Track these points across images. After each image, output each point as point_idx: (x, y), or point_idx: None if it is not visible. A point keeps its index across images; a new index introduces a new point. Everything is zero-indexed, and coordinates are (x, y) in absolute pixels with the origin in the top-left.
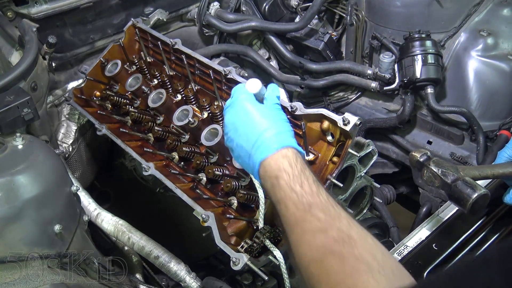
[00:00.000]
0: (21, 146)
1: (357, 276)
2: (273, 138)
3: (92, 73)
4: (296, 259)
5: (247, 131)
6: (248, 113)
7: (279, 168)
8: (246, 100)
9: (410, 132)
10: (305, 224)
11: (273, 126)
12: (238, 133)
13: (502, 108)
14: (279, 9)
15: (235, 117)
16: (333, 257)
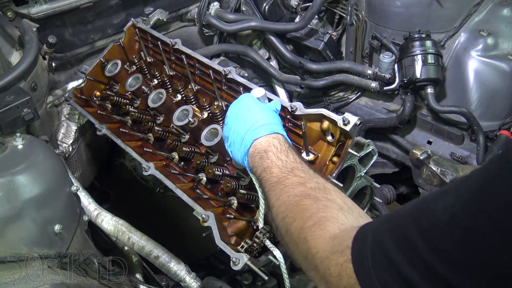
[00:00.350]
0: (21, 146)
1: (328, 211)
2: (266, 126)
3: (92, 73)
4: (274, 210)
5: (245, 119)
6: (249, 106)
7: (269, 144)
8: (249, 98)
9: (410, 132)
10: (286, 181)
11: (267, 117)
12: (237, 121)
13: (502, 108)
14: (279, 9)
15: (237, 109)
16: (309, 199)
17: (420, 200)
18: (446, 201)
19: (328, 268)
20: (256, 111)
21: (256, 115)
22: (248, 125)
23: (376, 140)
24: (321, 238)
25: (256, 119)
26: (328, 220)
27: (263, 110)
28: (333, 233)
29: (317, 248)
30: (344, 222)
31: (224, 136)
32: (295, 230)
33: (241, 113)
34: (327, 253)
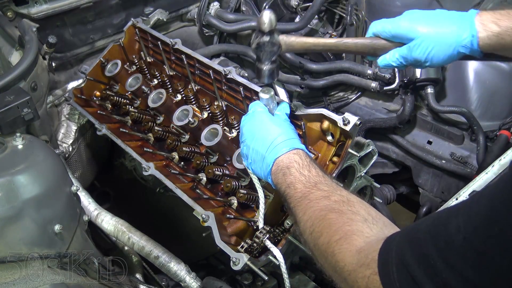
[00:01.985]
0: (21, 146)
1: (353, 224)
2: (285, 142)
3: (92, 73)
4: (301, 225)
5: (263, 136)
6: (264, 122)
7: (290, 161)
8: (262, 113)
9: (410, 132)
10: (310, 195)
11: (285, 133)
12: (255, 139)
13: (502, 108)
14: (279, 9)
15: (252, 126)
16: (334, 213)
17: (437, 216)
18: (459, 220)
19: (356, 280)
20: (272, 127)
21: (273, 131)
22: (267, 143)
23: (376, 140)
24: (348, 252)
25: (274, 136)
26: (353, 233)
27: (278, 125)
28: (359, 247)
29: (345, 262)
30: (369, 235)
31: (243, 154)
32: (323, 244)
33: (257, 130)
34: (354, 266)
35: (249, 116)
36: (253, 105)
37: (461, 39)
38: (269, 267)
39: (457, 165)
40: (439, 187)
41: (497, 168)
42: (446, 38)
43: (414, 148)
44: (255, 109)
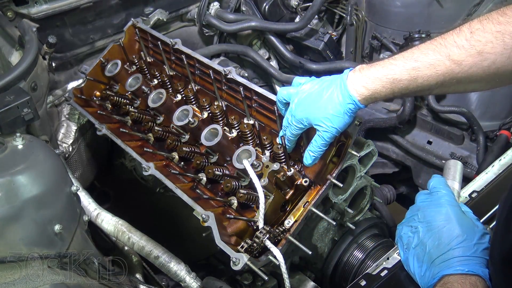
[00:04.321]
0: (21, 146)
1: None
2: (466, 259)
3: (92, 73)
4: None
5: (442, 237)
6: (450, 220)
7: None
8: (452, 205)
9: (410, 132)
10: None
11: (472, 246)
12: (430, 234)
13: (502, 108)
14: (279, 9)
15: (433, 217)
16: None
17: None
18: None
19: None
20: (454, 227)
21: (454, 237)
22: (442, 248)
23: (376, 140)
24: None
25: (454, 244)
26: None
27: (462, 225)
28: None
29: None
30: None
31: (401, 235)
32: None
33: (436, 226)
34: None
35: (433, 200)
36: (439, 185)
37: (347, 106)
38: (269, 267)
39: None
40: None
41: (497, 168)
42: (337, 112)
43: (414, 148)
44: (443, 195)
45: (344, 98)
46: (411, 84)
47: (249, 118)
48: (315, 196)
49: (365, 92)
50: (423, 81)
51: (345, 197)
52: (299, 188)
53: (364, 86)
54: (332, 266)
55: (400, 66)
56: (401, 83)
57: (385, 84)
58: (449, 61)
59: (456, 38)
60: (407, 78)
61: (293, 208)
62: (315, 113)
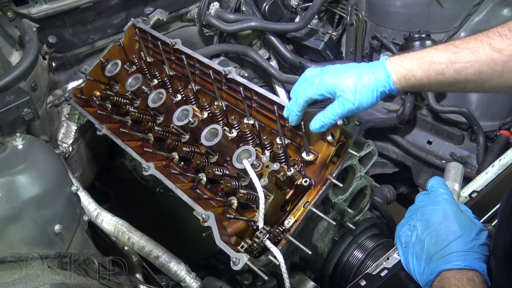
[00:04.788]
0: (21, 146)
1: None
2: (463, 254)
3: (92, 73)
4: None
5: (439, 233)
6: (448, 217)
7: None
8: (450, 203)
9: (410, 132)
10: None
11: (469, 242)
12: (428, 231)
13: (502, 108)
14: (279, 9)
15: (431, 214)
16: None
17: None
18: None
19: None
20: (453, 223)
21: (453, 232)
22: (440, 244)
23: (376, 140)
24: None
25: (451, 238)
26: None
27: (461, 222)
28: None
29: None
30: None
31: (400, 234)
32: None
33: (435, 223)
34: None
35: (431, 199)
36: (438, 185)
37: (379, 83)
38: (269, 267)
39: None
40: None
41: (497, 168)
42: (367, 84)
43: (414, 148)
44: (441, 193)
45: (379, 74)
46: (448, 69)
47: (249, 118)
48: (315, 196)
49: (401, 71)
50: (461, 66)
51: (345, 197)
52: (299, 188)
53: (401, 64)
54: (332, 266)
55: (440, 50)
56: (438, 66)
57: (422, 65)
58: (490, 48)
59: (499, 29)
60: (445, 61)
61: (293, 208)
62: (345, 80)
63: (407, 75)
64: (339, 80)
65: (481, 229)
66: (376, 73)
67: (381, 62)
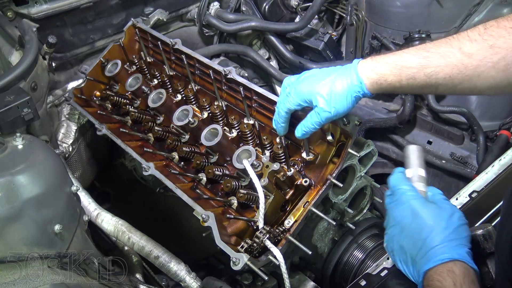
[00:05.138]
0: (21, 146)
1: None
2: (440, 247)
3: (92, 73)
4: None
5: (414, 234)
6: (416, 214)
7: (444, 278)
8: (413, 198)
9: (410, 132)
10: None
11: (442, 231)
12: (404, 234)
13: (502, 108)
14: (279, 9)
15: (401, 217)
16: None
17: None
18: None
19: None
20: (424, 220)
21: (426, 229)
22: (417, 244)
23: (376, 140)
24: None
25: (425, 235)
26: None
27: (433, 215)
28: None
29: None
30: None
31: (387, 248)
32: None
33: (407, 224)
34: None
35: (396, 201)
36: (397, 182)
37: (353, 89)
38: (269, 267)
39: (457, 165)
40: (439, 187)
41: (497, 168)
42: (341, 90)
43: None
44: (403, 191)
45: (352, 80)
46: (419, 73)
47: (249, 118)
48: (315, 196)
49: (373, 76)
50: (431, 71)
51: (345, 197)
52: (299, 188)
53: (373, 69)
54: (332, 266)
55: (411, 54)
56: (409, 71)
57: (393, 70)
58: (460, 53)
59: (470, 33)
60: (416, 66)
61: (293, 208)
62: (319, 88)
63: (379, 80)
64: (313, 89)
65: (451, 213)
66: (349, 79)
67: (353, 67)
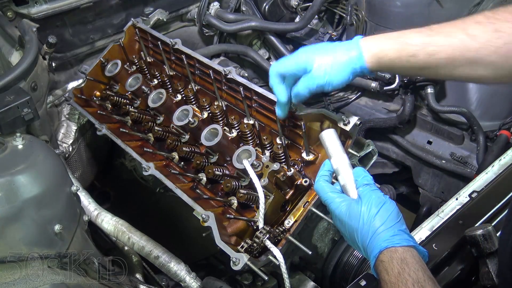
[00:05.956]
0: (21, 146)
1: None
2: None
3: (92, 73)
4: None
5: (349, 238)
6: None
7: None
8: (333, 208)
9: (410, 132)
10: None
11: (365, 228)
12: (350, 242)
13: (502, 108)
14: (279, 9)
15: (338, 225)
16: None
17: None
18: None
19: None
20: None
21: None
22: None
23: (376, 140)
24: None
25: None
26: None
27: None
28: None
29: None
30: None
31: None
32: None
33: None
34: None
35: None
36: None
37: (351, 60)
38: (269, 267)
39: (457, 165)
40: (439, 187)
41: (497, 168)
42: (339, 60)
43: (414, 148)
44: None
45: (351, 51)
46: (420, 51)
47: (249, 118)
48: (315, 196)
49: (374, 49)
50: (433, 49)
51: None
52: (299, 188)
53: (374, 42)
54: (332, 266)
55: (415, 32)
56: (411, 48)
57: (395, 45)
58: (464, 34)
59: (476, 16)
60: (418, 43)
61: (293, 208)
62: (317, 56)
63: (379, 53)
64: (311, 56)
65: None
66: (349, 50)
67: (354, 40)
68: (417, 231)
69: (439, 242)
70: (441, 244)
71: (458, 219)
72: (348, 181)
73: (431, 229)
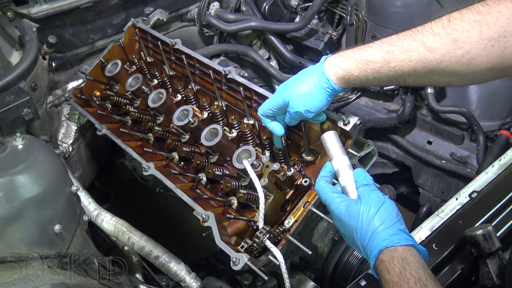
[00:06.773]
0: (21, 146)
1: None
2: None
3: (92, 73)
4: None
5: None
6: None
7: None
8: (334, 209)
9: (410, 132)
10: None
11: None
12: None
13: (502, 108)
14: (279, 9)
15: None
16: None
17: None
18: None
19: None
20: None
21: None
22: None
23: (376, 140)
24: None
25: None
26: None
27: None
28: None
29: None
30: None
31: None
32: None
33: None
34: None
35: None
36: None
37: (321, 85)
38: (269, 267)
39: (457, 165)
40: (439, 187)
41: (497, 168)
42: (310, 88)
43: (414, 148)
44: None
45: (319, 77)
46: (383, 68)
47: (249, 118)
48: (315, 196)
49: (339, 71)
50: (395, 65)
51: None
52: (299, 188)
53: (338, 65)
54: (332, 266)
55: (376, 48)
56: (374, 65)
57: (358, 65)
58: (422, 47)
59: (434, 26)
60: (380, 61)
61: (293, 208)
62: (290, 89)
63: (345, 75)
64: (287, 90)
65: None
66: (315, 77)
67: (320, 65)
68: (417, 231)
69: (439, 242)
70: (441, 244)
71: (458, 219)
72: (348, 182)
73: (431, 229)
